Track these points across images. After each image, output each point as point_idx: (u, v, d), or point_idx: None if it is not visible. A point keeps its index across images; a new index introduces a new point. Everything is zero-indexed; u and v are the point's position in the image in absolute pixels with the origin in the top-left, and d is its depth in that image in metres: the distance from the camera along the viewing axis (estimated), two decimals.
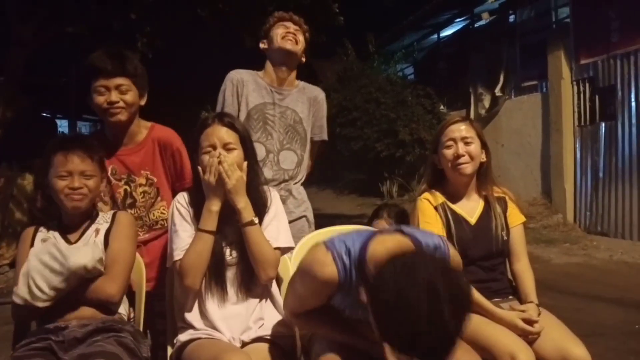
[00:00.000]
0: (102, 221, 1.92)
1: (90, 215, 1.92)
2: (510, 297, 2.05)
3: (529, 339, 1.82)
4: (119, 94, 2.01)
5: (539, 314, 1.91)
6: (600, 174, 7.08)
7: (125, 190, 2.12)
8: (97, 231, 1.89)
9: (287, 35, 2.46)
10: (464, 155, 2.02)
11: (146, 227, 2.14)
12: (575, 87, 7.43)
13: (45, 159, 1.86)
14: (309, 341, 1.79)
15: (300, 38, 2.50)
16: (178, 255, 1.79)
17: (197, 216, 1.84)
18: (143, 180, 2.13)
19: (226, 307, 1.83)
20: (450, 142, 2.04)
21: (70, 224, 1.90)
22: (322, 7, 6.03)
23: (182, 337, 1.81)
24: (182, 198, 1.90)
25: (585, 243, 6.66)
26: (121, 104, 2.01)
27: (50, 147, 1.88)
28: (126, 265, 1.87)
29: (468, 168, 2.04)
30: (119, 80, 2.01)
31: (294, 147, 2.49)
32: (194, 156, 1.89)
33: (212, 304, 1.82)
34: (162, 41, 5.73)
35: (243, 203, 1.81)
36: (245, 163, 1.86)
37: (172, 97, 6.12)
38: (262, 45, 2.55)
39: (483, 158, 2.08)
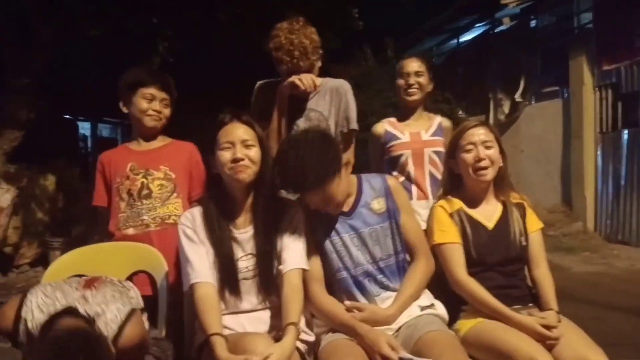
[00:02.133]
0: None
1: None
2: (531, 304, 2.01)
3: (548, 345, 1.79)
4: (162, 106, 2.27)
5: (559, 322, 1.89)
6: (622, 182, 6.97)
7: (142, 182, 2.19)
8: None
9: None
10: (484, 159, 2.00)
11: (159, 219, 2.17)
12: (598, 94, 7.34)
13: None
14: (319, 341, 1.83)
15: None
16: (195, 278, 1.76)
17: (210, 224, 1.83)
18: (161, 175, 2.21)
19: (240, 317, 1.82)
20: (471, 146, 2.02)
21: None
22: (342, 11, 6.05)
23: (200, 337, 1.78)
24: (186, 218, 1.87)
25: (605, 252, 6.56)
26: (162, 114, 2.27)
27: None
28: None
29: (489, 173, 2.02)
30: (165, 95, 2.27)
31: None
32: (210, 158, 1.88)
33: (225, 315, 1.80)
34: (183, 45, 5.78)
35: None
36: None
37: (193, 103, 6.16)
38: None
39: (501, 163, 2.07)
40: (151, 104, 2.23)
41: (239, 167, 1.79)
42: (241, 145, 1.81)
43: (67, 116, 10.48)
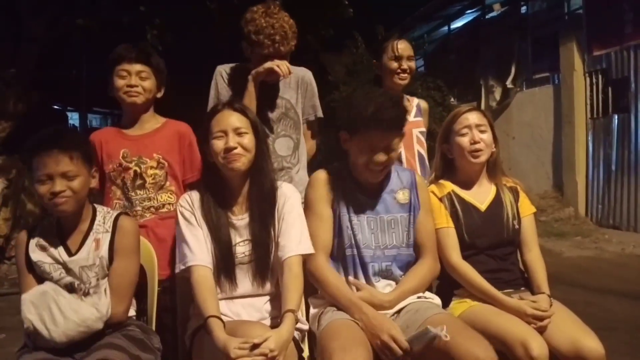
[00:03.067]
0: (102, 229, 1.81)
1: (87, 215, 1.81)
2: (522, 288, 2.04)
3: (540, 328, 1.81)
4: (139, 79, 2.13)
5: (551, 305, 1.90)
6: (613, 167, 7.01)
7: (135, 171, 2.15)
8: (97, 242, 1.79)
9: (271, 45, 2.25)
10: (479, 142, 2.03)
11: (153, 209, 2.15)
12: (588, 79, 7.36)
13: (27, 162, 1.76)
14: (318, 319, 1.82)
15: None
16: (192, 261, 1.75)
17: (205, 210, 1.82)
18: (154, 163, 2.16)
19: (235, 302, 1.82)
20: (466, 130, 2.05)
21: (67, 225, 1.80)
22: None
23: (194, 323, 1.78)
24: (185, 201, 1.87)
25: (596, 236, 6.61)
26: (139, 88, 2.13)
27: (28, 149, 1.76)
28: (132, 284, 1.82)
29: (483, 155, 2.05)
30: (140, 67, 2.14)
31: (289, 133, 2.43)
32: (204, 146, 1.87)
33: (221, 301, 1.79)
34: (172, 34, 5.72)
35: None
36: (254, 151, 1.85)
37: (183, 90, 6.12)
38: (244, 46, 2.33)
39: (494, 148, 2.09)
40: (126, 79, 2.12)
41: (233, 156, 1.78)
42: (234, 134, 1.80)
43: (57, 107, 10.38)
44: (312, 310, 1.90)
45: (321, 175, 1.96)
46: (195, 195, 1.87)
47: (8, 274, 5.31)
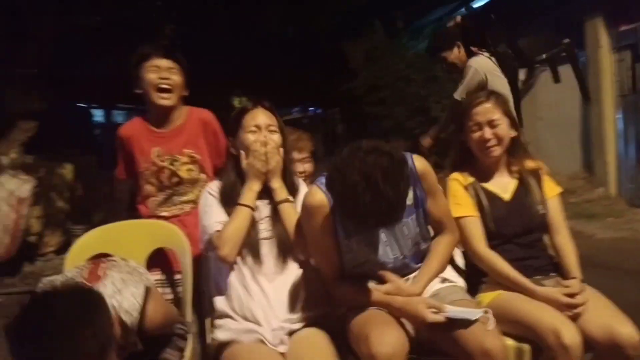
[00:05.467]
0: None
1: None
2: (552, 273, 1.99)
3: (573, 315, 1.77)
4: (169, 74, 2.18)
5: (583, 290, 1.86)
6: None
7: (170, 170, 2.22)
8: None
9: None
10: (491, 139, 1.98)
11: (191, 203, 2.21)
12: (615, 56, 7.14)
13: None
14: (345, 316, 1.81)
15: None
16: (216, 226, 1.84)
17: (228, 198, 1.91)
18: (187, 159, 2.23)
19: (263, 281, 1.85)
20: (476, 127, 2.00)
21: None
22: None
23: (221, 334, 1.83)
24: (214, 185, 1.97)
25: (629, 217, 6.43)
26: (170, 81, 2.18)
27: None
28: None
29: (496, 151, 2.01)
30: (170, 63, 2.20)
31: None
32: (230, 138, 1.99)
33: (249, 276, 1.85)
34: (189, 27, 5.76)
35: (278, 183, 1.91)
36: (281, 149, 1.94)
37: (201, 83, 6.17)
38: None
39: (513, 133, 2.03)
40: (157, 73, 2.18)
41: None
42: (266, 130, 1.93)
43: (81, 104, 10.55)
44: (340, 309, 1.89)
45: (316, 198, 1.72)
46: (219, 184, 1.98)
47: (43, 269, 5.45)
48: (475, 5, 11.35)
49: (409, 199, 1.76)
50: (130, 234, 2.15)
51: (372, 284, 1.81)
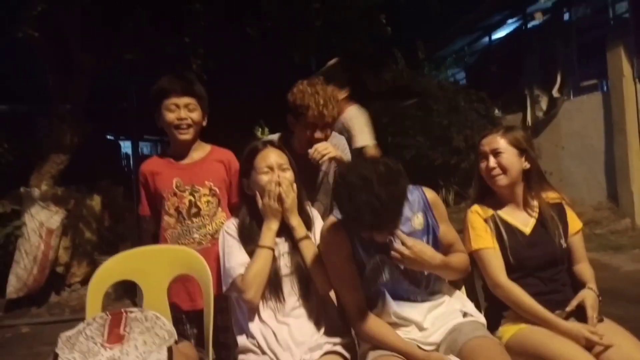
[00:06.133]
0: None
1: None
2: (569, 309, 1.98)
3: (595, 351, 1.76)
4: (188, 111, 2.21)
5: (599, 299, 1.91)
6: None
7: (190, 200, 2.24)
8: None
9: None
10: (494, 168, 2.02)
11: (209, 236, 2.23)
12: (639, 85, 7.10)
13: None
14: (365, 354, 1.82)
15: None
16: (239, 269, 1.88)
17: (246, 237, 1.95)
18: (207, 191, 2.25)
19: (284, 318, 1.89)
20: (482, 157, 2.06)
21: None
22: (370, 18, 6.05)
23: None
24: (231, 224, 2.01)
25: None
26: (189, 121, 2.21)
27: None
28: None
29: (501, 180, 2.03)
30: (187, 100, 2.22)
31: (321, 198, 2.58)
32: (244, 179, 2.03)
33: (270, 316, 1.89)
34: (215, 62, 5.90)
35: (297, 220, 1.94)
36: (295, 185, 1.98)
37: (226, 115, 6.30)
38: (289, 120, 2.46)
39: (526, 165, 2.05)
40: (175, 113, 2.21)
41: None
42: (278, 169, 1.97)
43: (110, 137, 10.84)
44: (363, 346, 1.89)
45: (333, 229, 1.85)
46: (236, 223, 2.02)
47: (69, 300, 5.53)
48: (495, 36, 11.46)
49: (420, 224, 1.87)
50: (152, 260, 2.16)
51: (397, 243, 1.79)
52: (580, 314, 1.92)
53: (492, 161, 2.03)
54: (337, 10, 5.77)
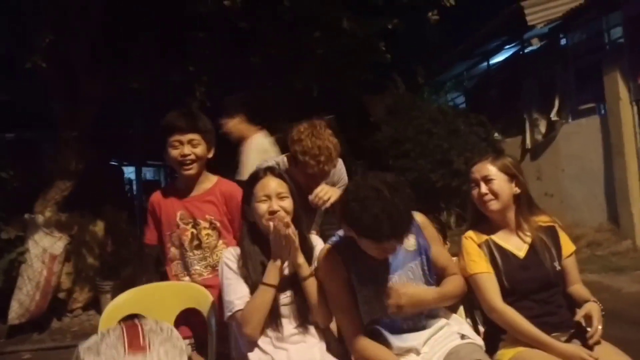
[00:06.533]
0: None
1: None
2: (572, 330, 2.00)
3: None
4: (191, 147, 2.29)
5: (603, 311, 1.92)
6: None
7: (192, 233, 2.33)
8: None
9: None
10: (486, 194, 2.06)
11: (210, 268, 2.32)
12: (635, 107, 7.18)
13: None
14: None
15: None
16: (239, 305, 1.90)
17: (247, 267, 1.97)
18: (207, 224, 2.33)
19: (282, 344, 1.91)
20: (473, 184, 2.11)
21: None
22: (369, 46, 6.18)
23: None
24: (230, 254, 2.02)
25: None
26: (192, 156, 2.29)
27: None
28: None
29: (493, 205, 2.07)
30: (191, 136, 2.29)
31: (316, 220, 2.67)
32: (246, 206, 2.05)
33: (268, 342, 1.91)
34: (219, 89, 6.01)
35: (301, 259, 1.95)
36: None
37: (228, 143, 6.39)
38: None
39: (516, 190, 2.09)
40: (179, 149, 2.28)
41: (276, 219, 1.94)
42: (276, 198, 1.98)
43: (113, 162, 10.91)
44: None
45: (329, 256, 1.92)
46: (238, 251, 2.03)
47: (70, 326, 5.54)
48: (493, 61, 11.62)
49: (412, 245, 1.94)
50: (160, 296, 2.26)
51: (392, 284, 1.87)
52: (581, 334, 1.95)
53: (484, 187, 2.07)
54: (337, 38, 5.90)
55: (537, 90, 9.28)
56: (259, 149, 3.59)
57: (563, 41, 9.07)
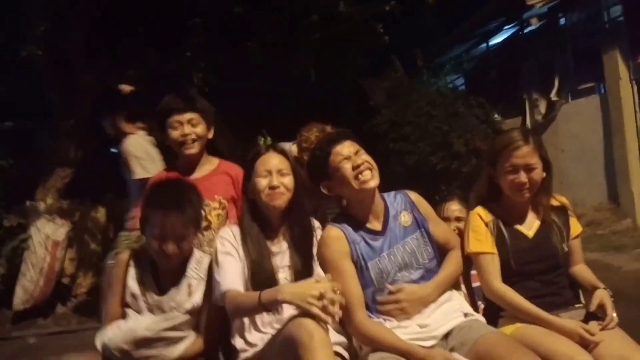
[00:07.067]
0: (196, 275, 1.94)
1: (182, 258, 1.95)
2: (577, 305, 2.04)
3: (589, 347, 1.81)
4: (191, 127, 2.28)
5: (612, 296, 1.94)
6: None
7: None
8: (189, 288, 1.92)
9: None
10: (525, 183, 1.99)
11: None
12: (635, 87, 7.16)
13: (143, 209, 1.92)
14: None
15: None
16: (228, 286, 1.86)
17: (247, 246, 1.95)
18: (217, 205, 2.32)
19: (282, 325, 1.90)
20: (512, 169, 2.00)
21: (163, 268, 1.96)
22: (367, 29, 6.14)
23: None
24: (227, 233, 2.00)
25: None
26: (193, 135, 2.28)
27: (148, 200, 1.93)
28: (215, 324, 1.97)
29: (527, 195, 2.02)
30: (190, 115, 2.28)
31: None
32: (247, 182, 2.03)
33: (268, 323, 1.90)
34: (216, 75, 5.98)
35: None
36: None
37: (230, 126, 6.38)
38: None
39: (542, 176, 2.03)
40: (178, 129, 2.28)
41: (275, 194, 1.94)
42: (277, 174, 1.96)
43: (113, 150, 10.90)
44: (364, 349, 1.92)
45: (333, 232, 1.96)
46: (236, 230, 2.01)
47: (75, 311, 5.58)
48: (492, 42, 11.54)
49: (407, 221, 2.01)
50: None
51: (388, 285, 1.92)
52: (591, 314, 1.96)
53: (524, 176, 1.98)
54: (334, 22, 5.86)
55: (537, 70, 9.23)
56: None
57: (562, 20, 9.01)
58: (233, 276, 1.89)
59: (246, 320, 1.92)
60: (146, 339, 1.85)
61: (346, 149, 1.95)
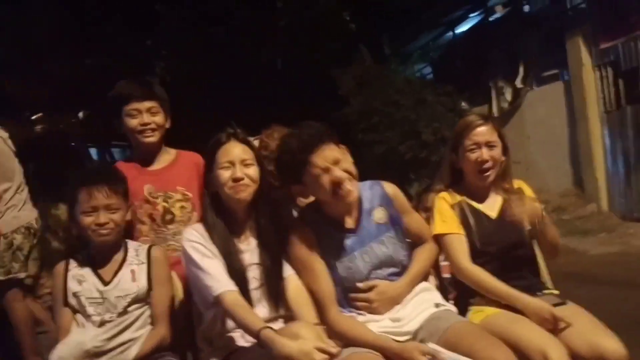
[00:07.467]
0: (136, 261, 1.94)
1: (119, 246, 1.96)
2: (545, 291, 2.04)
3: (557, 331, 1.80)
4: (150, 115, 2.17)
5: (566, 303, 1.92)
6: (632, 159, 6.90)
7: (164, 207, 2.21)
8: (132, 273, 1.91)
9: None
10: (487, 161, 2.01)
11: None
12: (598, 73, 7.28)
13: (70, 193, 1.90)
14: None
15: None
16: (220, 288, 1.74)
17: (215, 243, 1.84)
18: (180, 196, 2.23)
19: None
20: (474, 147, 2.03)
21: (101, 256, 1.93)
22: (333, 16, 6.08)
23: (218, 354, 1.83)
24: (192, 234, 1.86)
25: (622, 231, 6.49)
26: (153, 125, 2.17)
27: (73, 182, 1.91)
28: (169, 306, 1.95)
29: (491, 175, 2.04)
30: (149, 104, 2.17)
31: None
32: (208, 176, 1.91)
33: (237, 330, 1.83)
34: (181, 63, 5.85)
35: None
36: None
37: (194, 118, 6.24)
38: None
39: (503, 158, 2.08)
40: (137, 118, 2.16)
41: (240, 187, 1.82)
42: (240, 165, 1.83)
43: (75, 144, 10.61)
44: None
45: (297, 225, 1.93)
46: (200, 228, 1.89)
47: (40, 312, 5.39)
48: (459, 30, 11.62)
49: (381, 218, 1.92)
50: None
51: (359, 284, 1.87)
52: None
53: (486, 153, 2.01)
54: (301, 9, 5.79)
55: (503, 58, 9.33)
56: None
57: (527, 8, 9.10)
58: (222, 276, 1.78)
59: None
60: (97, 351, 1.79)
61: (322, 159, 1.77)
